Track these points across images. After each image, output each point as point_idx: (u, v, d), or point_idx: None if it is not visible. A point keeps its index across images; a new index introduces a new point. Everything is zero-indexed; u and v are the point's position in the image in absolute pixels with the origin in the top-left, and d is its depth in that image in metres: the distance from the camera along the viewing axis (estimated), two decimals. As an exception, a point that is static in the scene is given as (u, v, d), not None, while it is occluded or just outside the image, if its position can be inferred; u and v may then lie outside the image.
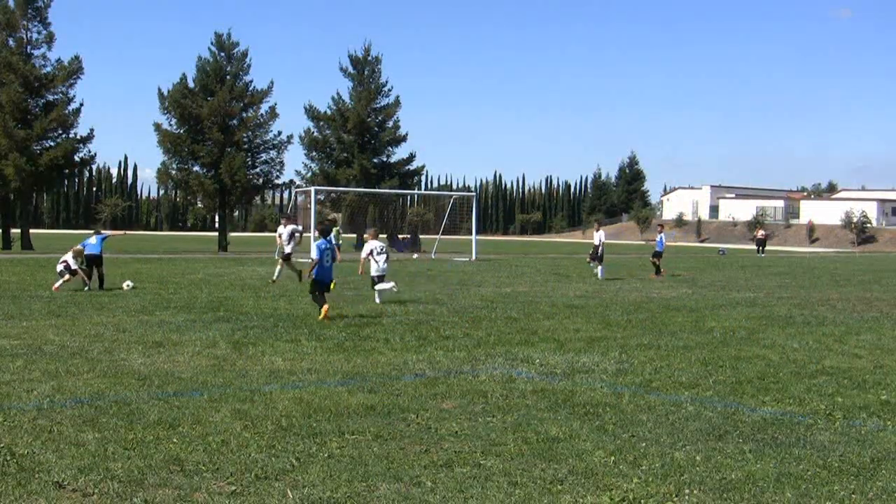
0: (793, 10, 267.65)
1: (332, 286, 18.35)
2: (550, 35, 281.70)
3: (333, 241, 18.93)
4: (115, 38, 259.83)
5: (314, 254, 18.33)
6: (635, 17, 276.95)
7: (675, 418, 9.41)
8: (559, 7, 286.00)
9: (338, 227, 47.73)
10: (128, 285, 24.12)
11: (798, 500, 6.77)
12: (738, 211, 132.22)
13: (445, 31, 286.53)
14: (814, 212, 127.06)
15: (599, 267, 33.54)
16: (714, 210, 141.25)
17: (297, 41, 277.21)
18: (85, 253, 24.61)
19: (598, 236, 33.94)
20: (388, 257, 22.59)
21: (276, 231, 28.22)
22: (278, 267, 28.79)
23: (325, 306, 17.71)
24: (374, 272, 22.04)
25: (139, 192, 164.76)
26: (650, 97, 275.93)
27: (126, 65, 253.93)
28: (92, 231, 27.55)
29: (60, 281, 23.51)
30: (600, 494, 6.81)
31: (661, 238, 37.67)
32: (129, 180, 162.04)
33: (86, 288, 23.56)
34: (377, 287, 21.83)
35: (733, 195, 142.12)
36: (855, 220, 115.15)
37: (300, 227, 30.02)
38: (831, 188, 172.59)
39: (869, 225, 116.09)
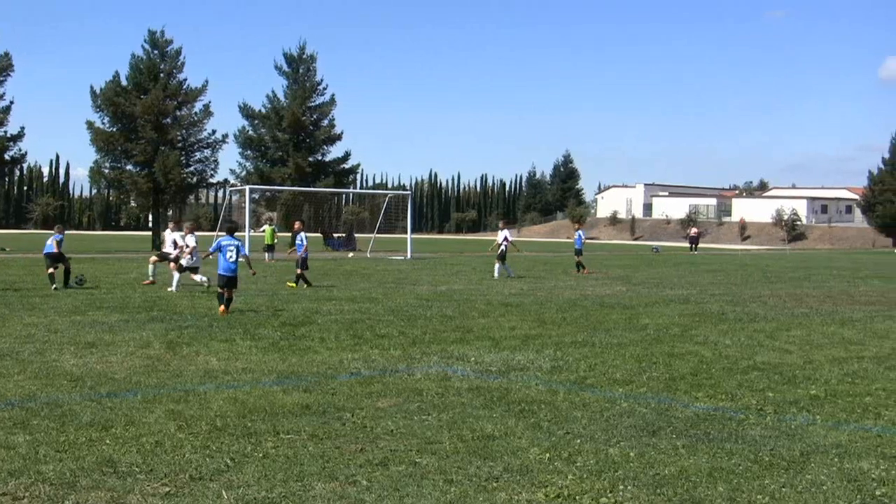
0: (726, 10, 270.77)
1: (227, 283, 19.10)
2: (485, 34, 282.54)
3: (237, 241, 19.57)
4: (46, 34, 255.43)
5: (212, 248, 19.71)
6: (568, 16, 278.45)
7: (610, 415, 9.48)
8: (493, 7, 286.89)
9: (273, 227, 47.41)
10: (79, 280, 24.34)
11: (730, 494, 6.85)
12: (672, 209, 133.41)
13: (380, 30, 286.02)
14: (745, 210, 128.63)
15: (498, 265, 33.26)
16: (648, 208, 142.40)
17: (232, 39, 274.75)
18: (43, 253, 25.30)
19: (502, 234, 34.25)
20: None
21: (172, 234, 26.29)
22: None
23: (221, 307, 18.63)
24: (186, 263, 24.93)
25: (71, 191, 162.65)
26: (584, 96, 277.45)
27: (57, 62, 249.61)
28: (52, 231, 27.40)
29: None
30: (535, 491, 6.84)
31: (579, 235, 38.34)
32: (61, 179, 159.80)
33: (53, 287, 23.49)
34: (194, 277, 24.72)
35: (667, 193, 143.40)
36: (786, 217, 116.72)
37: (183, 235, 27.43)
38: (762, 186, 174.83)
39: (799, 223, 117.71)
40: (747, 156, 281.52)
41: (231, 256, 18.99)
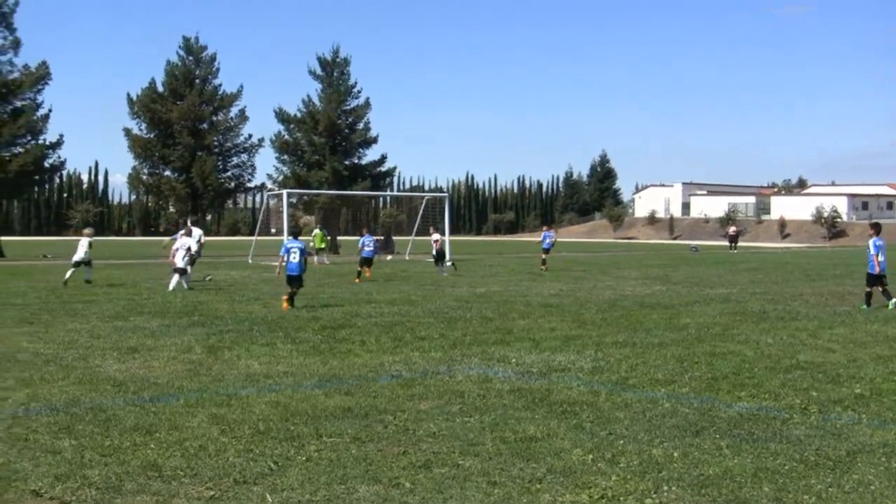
0: (761, 4, 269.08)
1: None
2: (521, 35, 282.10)
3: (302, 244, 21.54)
4: (82, 43, 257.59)
5: (281, 252, 21.46)
6: (607, 14, 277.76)
7: (652, 415, 9.45)
8: (531, 7, 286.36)
9: (323, 231, 47.58)
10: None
11: (776, 494, 6.81)
12: (710, 207, 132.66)
13: (415, 32, 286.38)
14: (785, 207, 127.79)
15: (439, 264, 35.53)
16: (686, 207, 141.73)
17: (266, 44, 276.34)
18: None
19: (434, 237, 37.62)
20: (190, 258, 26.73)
21: (179, 237, 26.52)
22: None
23: (285, 297, 20.66)
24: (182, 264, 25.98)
25: (111, 198, 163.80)
26: (621, 96, 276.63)
27: (94, 70, 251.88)
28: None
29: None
30: (579, 492, 6.83)
31: (546, 235, 40.90)
32: (101, 186, 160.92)
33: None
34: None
35: (705, 192, 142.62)
36: (826, 215, 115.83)
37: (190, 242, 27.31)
38: (801, 184, 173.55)
39: (839, 220, 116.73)
40: (786, 153, 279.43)
41: (294, 257, 20.89)
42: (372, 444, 8.19)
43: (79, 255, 27.34)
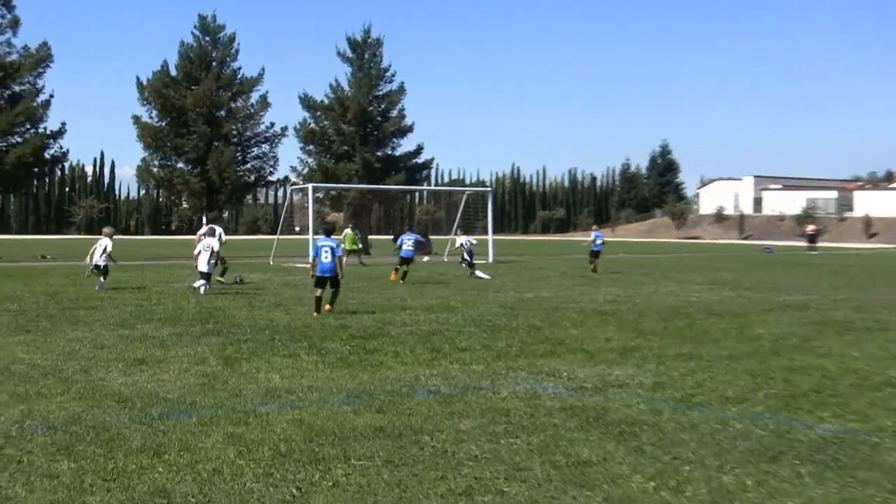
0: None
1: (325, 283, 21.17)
2: (570, 15, 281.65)
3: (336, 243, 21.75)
4: (87, 22, 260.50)
5: (313, 253, 21.79)
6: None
7: (722, 437, 9.35)
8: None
9: (355, 231, 47.68)
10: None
11: (864, 528, 6.69)
12: (786, 204, 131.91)
13: (453, 12, 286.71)
14: (871, 203, 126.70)
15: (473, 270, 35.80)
16: (758, 203, 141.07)
17: (290, 24, 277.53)
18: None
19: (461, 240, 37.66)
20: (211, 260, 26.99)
21: (208, 236, 27.02)
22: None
23: (322, 306, 20.87)
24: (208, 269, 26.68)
25: (117, 193, 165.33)
26: (684, 80, 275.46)
27: (100, 52, 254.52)
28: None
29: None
30: (640, 525, 6.74)
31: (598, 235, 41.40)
32: (106, 179, 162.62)
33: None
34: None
35: (779, 186, 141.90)
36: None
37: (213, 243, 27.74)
38: (889, 177, 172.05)
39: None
40: (870, 144, 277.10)
41: (326, 257, 21.14)
42: (406, 469, 8.14)
43: (96, 258, 27.38)
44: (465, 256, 36.46)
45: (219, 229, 29.74)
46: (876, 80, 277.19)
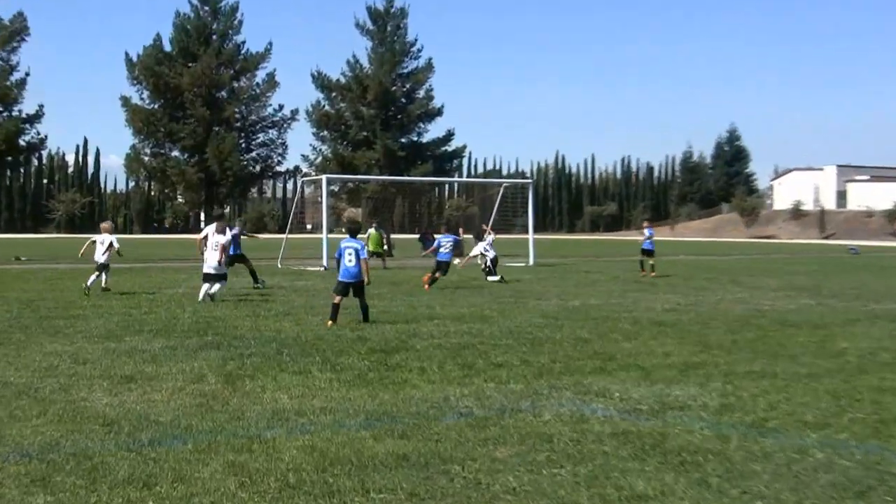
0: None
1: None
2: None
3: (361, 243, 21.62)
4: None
5: (336, 254, 21.59)
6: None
7: (800, 469, 9.31)
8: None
9: (380, 230, 47.73)
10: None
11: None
12: (874, 197, 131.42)
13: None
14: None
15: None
16: (842, 196, 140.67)
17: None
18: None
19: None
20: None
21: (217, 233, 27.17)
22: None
23: (330, 321, 20.72)
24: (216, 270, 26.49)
25: (102, 185, 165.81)
26: (754, 57, 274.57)
27: (84, 24, 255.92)
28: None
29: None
30: (705, 569, 6.71)
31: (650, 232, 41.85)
32: (90, 170, 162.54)
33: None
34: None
35: (867, 177, 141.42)
36: None
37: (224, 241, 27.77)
38: None
39: None
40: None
41: (350, 260, 20.98)
42: (434, 503, 8.12)
43: (97, 255, 27.87)
44: (488, 264, 36.79)
45: (232, 231, 29.89)
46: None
